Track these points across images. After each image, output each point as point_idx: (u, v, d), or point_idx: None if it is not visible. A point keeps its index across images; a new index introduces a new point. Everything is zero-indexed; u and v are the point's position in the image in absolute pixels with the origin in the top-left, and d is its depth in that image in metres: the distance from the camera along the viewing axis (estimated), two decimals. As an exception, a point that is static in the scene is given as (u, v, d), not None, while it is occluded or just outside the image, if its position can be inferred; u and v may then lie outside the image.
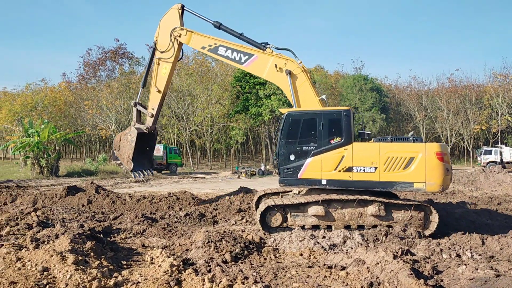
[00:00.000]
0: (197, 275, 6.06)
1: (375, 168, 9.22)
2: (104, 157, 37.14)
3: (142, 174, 13.85)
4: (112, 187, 21.70)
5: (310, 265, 6.98)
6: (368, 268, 6.36)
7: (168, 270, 6.13)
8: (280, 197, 10.81)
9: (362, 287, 5.76)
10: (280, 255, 7.97)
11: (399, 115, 60.37)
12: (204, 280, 5.81)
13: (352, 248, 8.12)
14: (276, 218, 9.54)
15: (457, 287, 5.77)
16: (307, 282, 6.08)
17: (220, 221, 11.73)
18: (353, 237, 8.59)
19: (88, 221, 10.82)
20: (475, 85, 54.91)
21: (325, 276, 6.31)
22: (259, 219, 9.48)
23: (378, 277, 6.02)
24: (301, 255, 7.87)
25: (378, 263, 6.40)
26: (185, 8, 12.63)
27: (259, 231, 9.60)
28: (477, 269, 6.14)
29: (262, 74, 11.34)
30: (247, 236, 8.98)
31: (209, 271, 6.30)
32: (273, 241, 8.75)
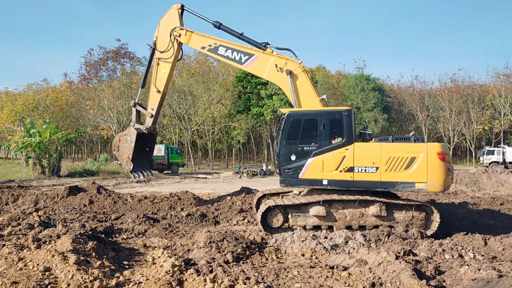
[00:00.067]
0: (199, 275, 6.05)
1: (377, 168, 9.19)
2: (106, 157, 37.25)
3: (141, 174, 13.84)
4: (114, 187, 21.72)
5: (312, 265, 6.97)
6: (370, 268, 6.34)
7: (169, 270, 6.13)
8: (280, 197, 10.79)
9: (364, 287, 5.75)
10: (282, 256, 7.96)
11: (401, 115, 60.32)
12: (205, 280, 5.81)
13: (354, 248, 8.11)
14: (277, 218, 9.53)
15: (459, 287, 5.75)
16: (309, 282, 6.06)
17: (222, 221, 11.73)
18: (355, 238, 8.57)
19: (90, 221, 10.83)
20: (477, 85, 54.89)
21: (327, 277, 6.30)
22: (260, 220, 9.47)
23: (380, 278, 6.01)
24: (303, 255, 7.86)
25: (380, 264, 6.39)
26: (184, 8, 12.58)
27: (260, 231, 9.58)
28: (480, 270, 6.12)
29: (263, 74, 11.31)
30: (248, 236, 8.96)
31: (210, 271, 6.29)
32: (275, 242, 8.74)
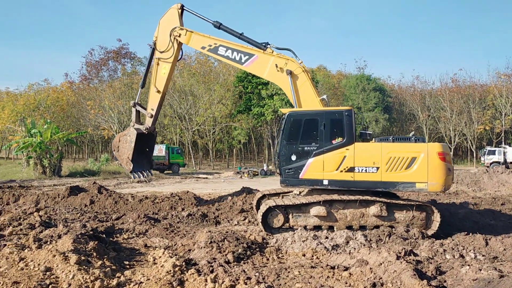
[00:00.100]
0: (200, 275, 6.05)
1: (377, 168, 9.17)
2: (107, 157, 37.31)
3: (141, 174, 13.82)
4: (115, 187, 21.73)
5: (313, 265, 6.96)
6: (371, 268, 6.34)
7: (170, 270, 6.12)
8: (280, 197, 10.78)
9: (365, 287, 5.74)
10: (283, 256, 7.96)
11: (402, 115, 60.28)
12: (206, 280, 5.81)
13: (355, 248, 8.10)
14: (278, 219, 9.52)
15: (460, 287, 5.75)
16: (309, 282, 6.06)
17: (223, 221, 11.73)
18: (356, 238, 8.56)
19: (91, 221, 10.84)
20: (478, 85, 54.84)
21: (328, 277, 6.29)
22: (260, 220, 9.47)
23: (381, 278, 6.01)
24: (304, 255, 7.85)
25: (381, 264, 6.39)
26: (184, 8, 12.54)
27: (261, 231, 9.58)
28: (481, 270, 6.11)
29: (263, 74, 11.28)
30: (249, 236, 8.96)
31: (211, 271, 6.29)
32: (276, 242, 8.73)
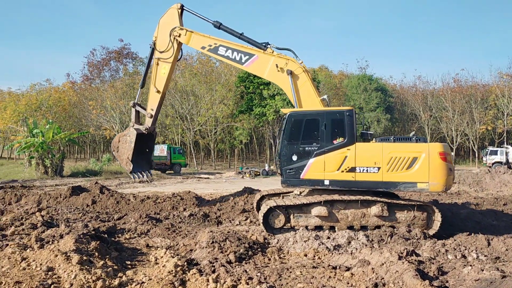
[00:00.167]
0: (202, 275, 6.06)
1: (378, 168, 9.16)
2: (108, 157, 37.33)
3: (141, 175, 13.82)
4: (116, 187, 21.77)
5: (315, 265, 6.96)
6: (373, 268, 6.33)
7: (172, 270, 6.13)
8: (281, 198, 10.77)
9: (366, 287, 5.74)
10: (285, 256, 7.96)
11: (404, 115, 60.14)
12: (208, 280, 5.81)
13: (356, 248, 8.09)
14: (279, 219, 9.51)
15: (462, 288, 5.74)
16: (311, 282, 6.06)
17: (224, 221, 11.73)
18: (357, 238, 8.56)
19: (93, 221, 10.86)
20: (480, 85, 54.58)
21: (330, 277, 6.29)
22: (262, 221, 9.47)
23: (383, 278, 6.00)
24: (306, 255, 7.85)
25: (383, 264, 6.38)
26: (184, 8, 12.49)
27: (263, 231, 9.58)
28: (483, 270, 6.10)
29: (263, 74, 11.26)
30: (251, 236, 8.96)
31: (213, 271, 6.30)
32: (277, 242, 8.73)
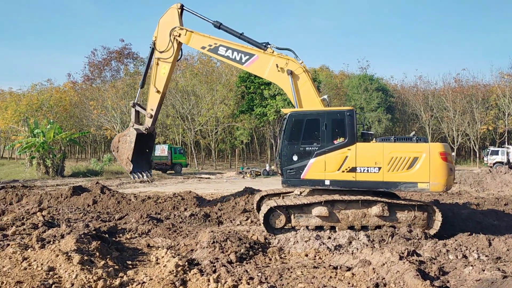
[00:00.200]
0: (202, 275, 6.06)
1: (379, 168, 9.16)
2: (109, 157, 37.32)
3: (141, 175, 13.82)
4: (117, 187, 21.79)
5: (316, 265, 6.96)
6: (374, 269, 6.33)
7: (173, 270, 6.13)
8: (281, 198, 10.76)
9: (367, 287, 5.74)
10: (285, 256, 7.96)
11: (405, 115, 60.10)
12: (209, 280, 5.81)
13: (357, 248, 8.09)
14: (280, 219, 9.51)
15: (463, 288, 5.73)
16: (312, 282, 6.06)
17: (225, 221, 11.73)
18: (358, 238, 8.55)
19: (94, 221, 10.87)
20: (481, 85, 54.54)
21: (331, 277, 6.29)
22: (262, 221, 9.46)
23: (384, 278, 6.00)
24: (307, 255, 7.85)
25: (384, 264, 6.38)
26: (184, 8, 12.47)
27: (263, 231, 9.58)
28: (484, 270, 6.09)
29: (263, 74, 11.25)
30: (252, 236, 8.96)
31: (214, 271, 6.30)
32: (278, 242, 8.72)
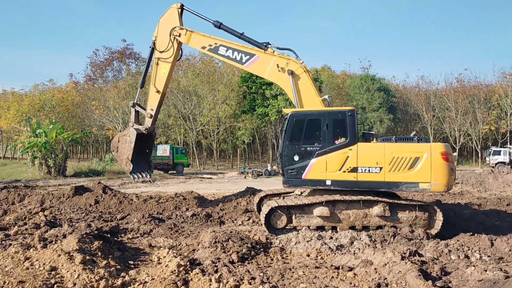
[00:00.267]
0: (204, 275, 6.07)
1: (380, 168, 9.15)
2: (111, 157, 37.30)
3: (141, 175, 13.80)
4: (119, 187, 21.79)
5: (317, 265, 6.95)
6: (375, 269, 6.32)
7: (175, 270, 6.14)
8: (282, 198, 10.75)
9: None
10: (287, 256, 7.96)
11: (407, 115, 60.00)
12: (211, 280, 5.82)
13: (359, 249, 8.09)
14: (281, 219, 9.50)
15: (465, 288, 5.72)
16: (314, 282, 6.06)
17: (227, 221, 11.73)
18: (360, 238, 8.55)
19: (96, 221, 10.89)
20: (483, 85, 54.39)
21: (332, 277, 6.28)
22: (264, 221, 9.46)
23: (386, 278, 5.99)
24: (308, 255, 7.85)
25: (386, 264, 6.37)
26: (184, 8, 12.41)
27: (265, 231, 9.58)
28: (486, 271, 6.08)
29: (264, 74, 11.22)
30: (253, 236, 8.97)
31: (216, 271, 6.30)
32: (280, 242, 8.72)
